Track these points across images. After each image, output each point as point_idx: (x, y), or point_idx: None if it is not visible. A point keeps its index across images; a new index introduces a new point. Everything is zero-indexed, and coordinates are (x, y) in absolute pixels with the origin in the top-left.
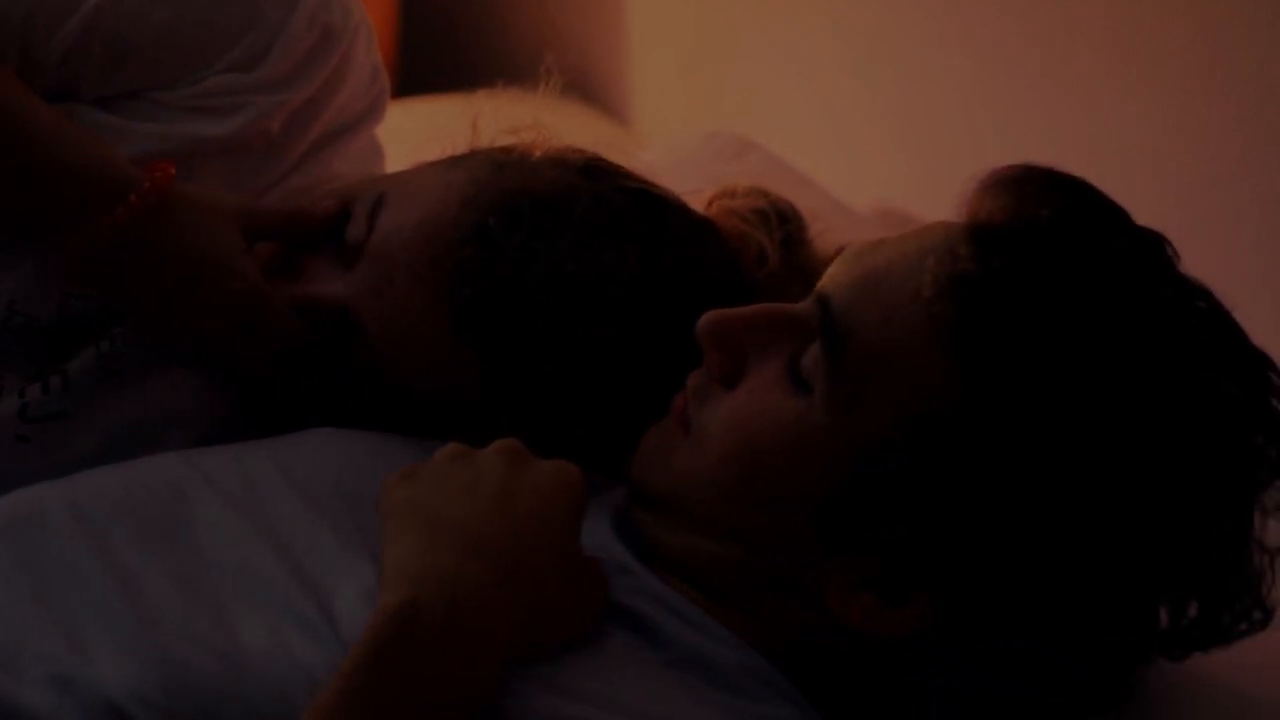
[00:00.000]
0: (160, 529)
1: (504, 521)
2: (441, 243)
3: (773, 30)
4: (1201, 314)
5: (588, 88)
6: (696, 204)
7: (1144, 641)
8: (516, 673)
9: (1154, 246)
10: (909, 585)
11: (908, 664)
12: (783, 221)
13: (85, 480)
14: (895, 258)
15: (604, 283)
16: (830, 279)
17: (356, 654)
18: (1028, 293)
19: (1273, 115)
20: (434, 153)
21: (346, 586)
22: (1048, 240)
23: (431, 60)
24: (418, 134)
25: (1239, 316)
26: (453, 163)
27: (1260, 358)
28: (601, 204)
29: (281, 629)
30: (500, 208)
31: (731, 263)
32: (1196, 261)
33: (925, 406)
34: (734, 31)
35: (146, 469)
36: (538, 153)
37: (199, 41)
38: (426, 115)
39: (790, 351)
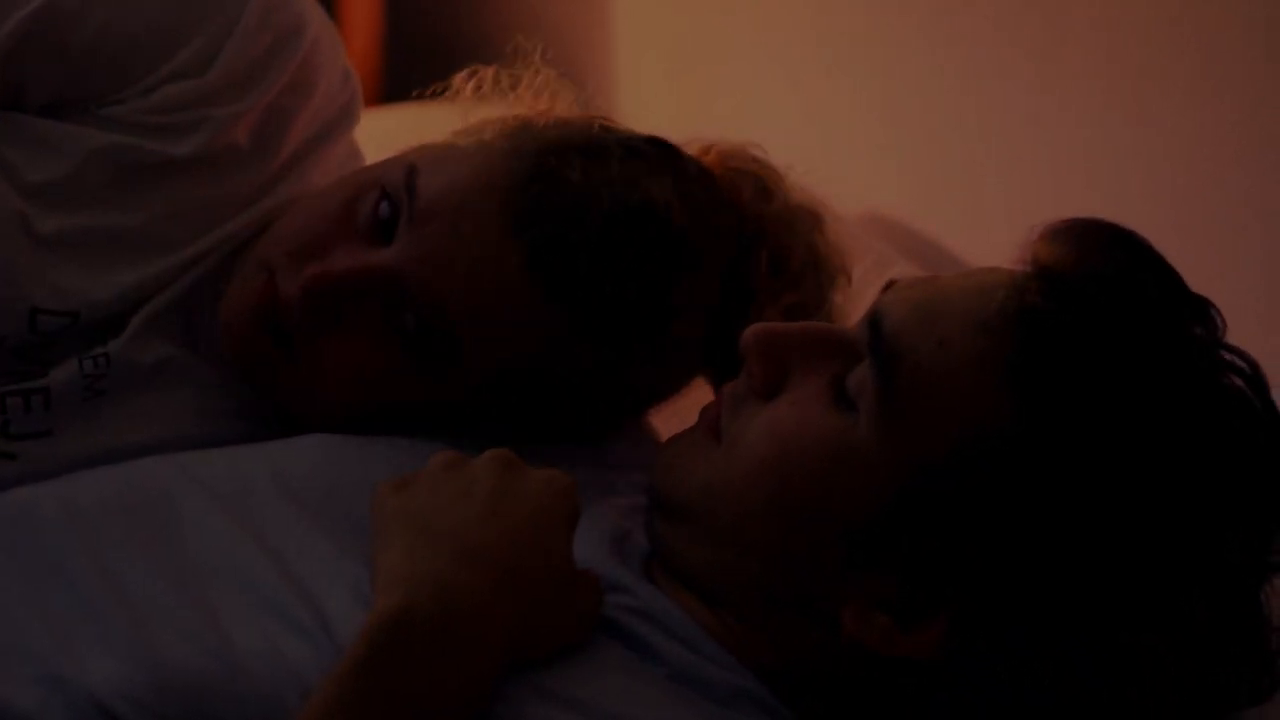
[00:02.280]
0: (152, 531)
1: (497, 528)
2: (504, 189)
3: (760, 36)
4: (1229, 384)
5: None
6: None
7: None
8: (509, 678)
9: (1202, 308)
10: (928, 608)
11: (914, 687)
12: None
13: (78, 481)
14: (954, 290)
15: (660, 213)
16: (881, 304)
17: (350, 658)
18: (1089, 336)
19: (1263, 122)
20: None
21: (339, 589)
22: (1112, 291)
23: (417, 68)
24: (404, 140)
25: (1231, 320)
26: (474, 130)
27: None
28: (630, 149)
29: (274, 630)
30: (551, 150)
31: (732, 205)
32: (1187, 265)
33: (979, 432)
34: (721, 37)
35: (139, 471)
36: (550, 115)
37: (143, 43)
38: (413, 122)
39: (835, 371)
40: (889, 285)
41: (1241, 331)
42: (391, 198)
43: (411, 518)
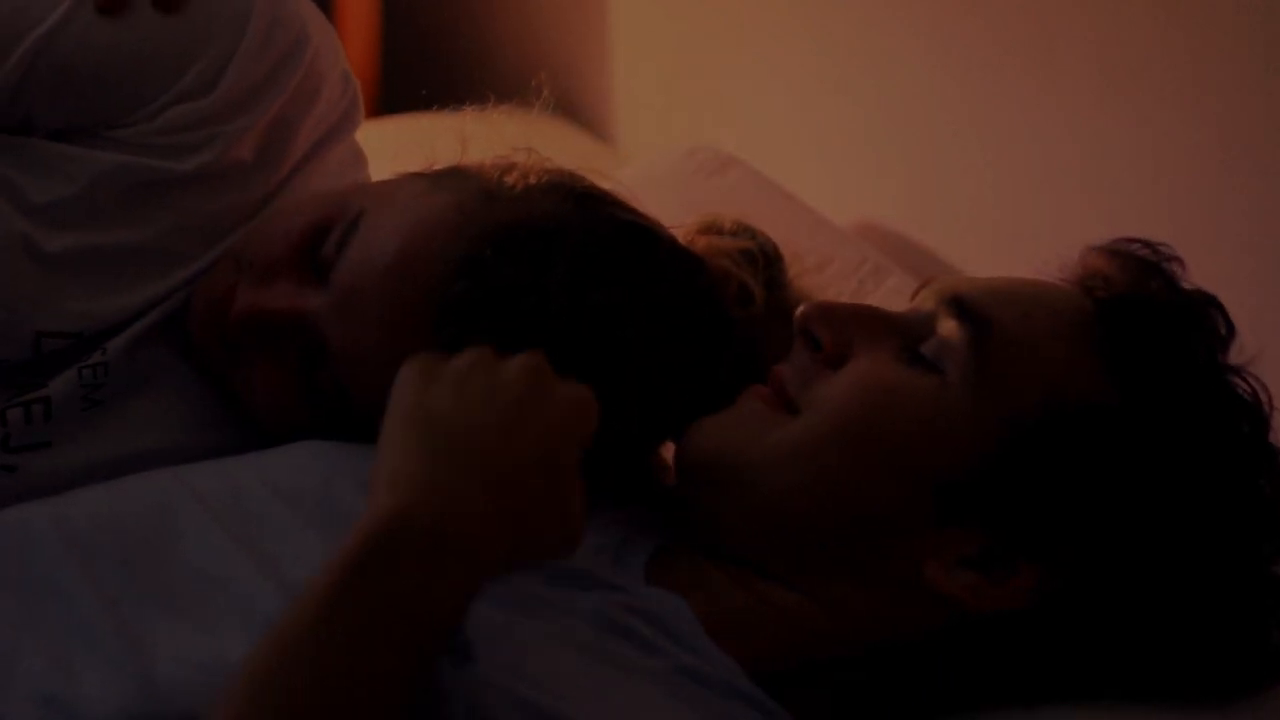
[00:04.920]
0: (146, 546)
1: (511, 442)
2: (426, 277)
3: (755, 46)
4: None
5: (571, 105)
6: (682, 232)
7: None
8: (498, 664)
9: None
10: (1007, 562)
11: (942, 659)
12: (768, 263)
13: (72, 499)
14: (1015, 280)
15: (590, 318)
16: (945, 285)
17: (344, 553)
18: (1171, 333)
19: (1257, 130)
20: (417, 167)
21: None
22: (1168, 301)
23: (414, 79)
24: (400, 151)
25: (1242, 328)
26: (436, 182)
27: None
28: (593, 237)
29: None
30: (493, 240)
31: (715, 300)
32: (1197, 272)
33: (1073, 401)
34: (716, 47)
35: (134, 486)
36: (529, 177)
37: (147, 69)
38: (409, 133)
39: (895, 344)
40: (925, 284)
41: (1238, 319)
42: (329, 246)
43: (428, 416)
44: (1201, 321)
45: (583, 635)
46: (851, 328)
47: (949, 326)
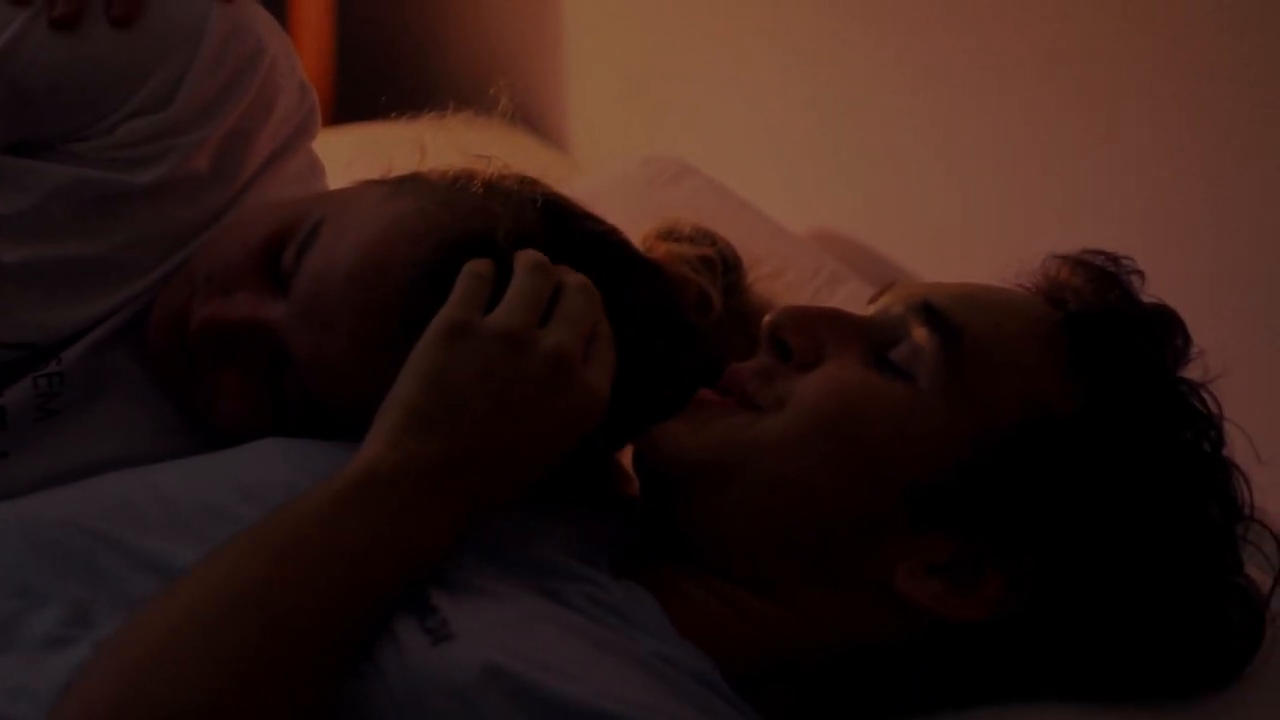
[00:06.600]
0: (113, 547)
1: (507, 434)
2: (391, 284)
3: (711, 55)
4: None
5: (526, 114)
6: (639, 237)
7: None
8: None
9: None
10: (974, 571)
11: (920, 664)
12: (726, 268)
13: (37, 500)
14: (986, 289)
15: None
16: (914, 291)
17: (322, 494)
18: (1139, 338)
19: (1222, 137)
20: (373, 176)
21: None
22: (1134, 315)
23: (368, 88)
24: (355, 160)
25: (1202, 336)
26: (397, 189)
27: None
28: (555, 244)
29: None
30: (456, 248)
31: (675, 307)
32: (1156, 280)
33: (1042, 413)
34: (672, 56)
35: (99, 487)
36: (491, 183)
37: (102, 84)
38: (363, 141)
39: (864, 348)
40: (887, 287)
41: (1209, 344)
42: (289, 255)
43: (444, 381)
44: (1165, 336)
45: (560, 615)
46: (821, 331)
47: (920, 334)
